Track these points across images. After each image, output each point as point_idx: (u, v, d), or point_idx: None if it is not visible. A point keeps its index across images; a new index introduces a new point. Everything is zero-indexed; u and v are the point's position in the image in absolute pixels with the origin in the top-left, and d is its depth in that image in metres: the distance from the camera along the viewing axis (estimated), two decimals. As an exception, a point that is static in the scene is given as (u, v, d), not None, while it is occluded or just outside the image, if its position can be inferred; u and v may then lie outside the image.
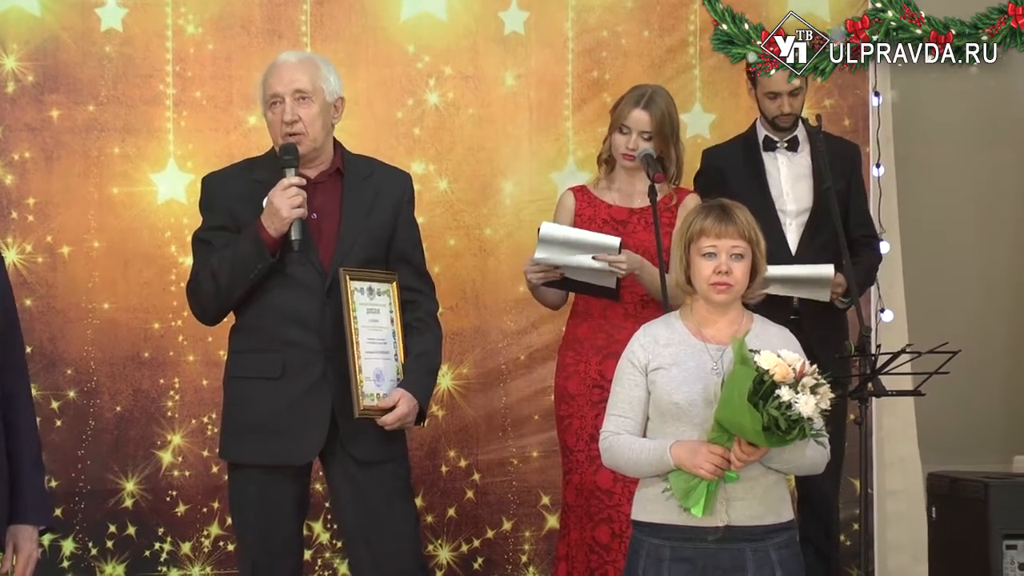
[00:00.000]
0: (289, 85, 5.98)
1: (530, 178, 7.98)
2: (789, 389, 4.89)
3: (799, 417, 4.87)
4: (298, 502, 6.04)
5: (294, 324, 5.93)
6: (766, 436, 4.92)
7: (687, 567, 5.12)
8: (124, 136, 7.76)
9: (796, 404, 4.87)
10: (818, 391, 4.92)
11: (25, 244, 7.66)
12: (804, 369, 4.93)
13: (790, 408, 4.87)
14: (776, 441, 4.93)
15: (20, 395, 5.19)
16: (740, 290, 5.18)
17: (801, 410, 4.87)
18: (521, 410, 7.94)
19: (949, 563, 7.64)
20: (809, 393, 4.90)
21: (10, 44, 7.66)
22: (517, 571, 7.94)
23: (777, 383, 4.89)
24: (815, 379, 4.93)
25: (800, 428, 4.90)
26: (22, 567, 5.12)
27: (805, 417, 4.88)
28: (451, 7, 7.96)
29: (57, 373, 7.65)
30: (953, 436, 8.36)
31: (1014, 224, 8.95)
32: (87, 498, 7.68)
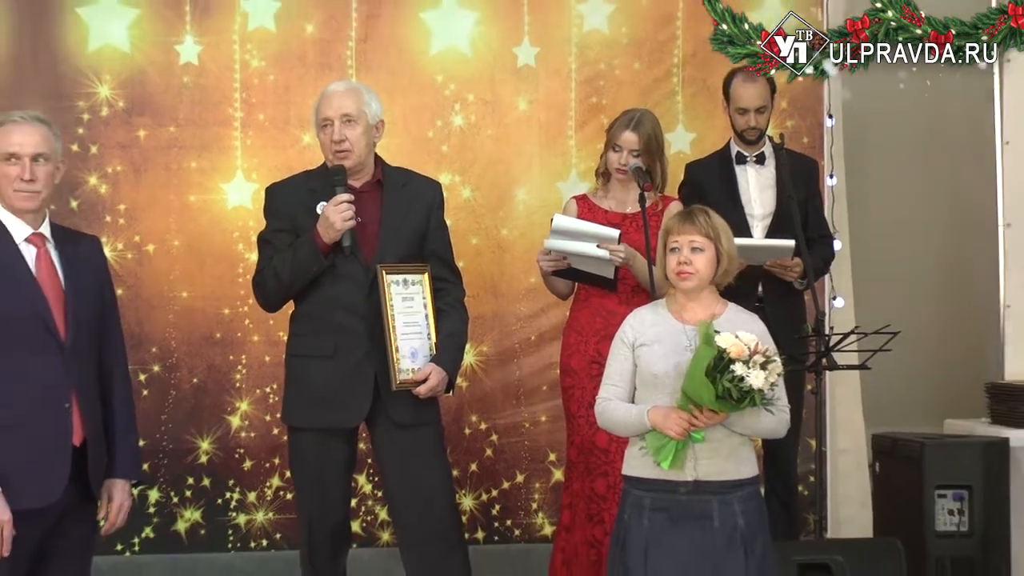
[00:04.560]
0: (338, 110, 5.98)
1: (540, 187, 7.96)
2: (743, 365, 4.93)
3: (750, 388, 4.92)
4: (347, 459, 6.04)
5: (343, 311, 5.93)
6: (720, 404, 4.97)
7: (663, 515, 5.15)
8: (199, 152, 7.77)
9: (747, 378, 4.91)
10: (767, 367, 4.96)
11: (117, 243, 7.67)
12: (757, 348, 4.97)
13: (743, 381, 4.92)
14: (730, 407, 4.98)
15: (117, 370, 5.23)
16: (703, 277, 5.22)
17: (752, 383, 4.92)
18: (532, 382, 7.94)
19: (890, 510, 7.60)
20: (759, 368, 4.94)
21: (104, 76, 7.67)
22: (529, 516, 7.95)
23: (732, 359, 4.94)
24: (765, 357, 4.97)
25: (750, 397, 4.94)
26: (115, 513, 5.17)
27: (756, 388, 4.93)
28: (473, 43, 7.95)
29: (144, 351, 7.66)
30: (892, 403, 8.31)
31: (943, 224, 8.91)
32: (169, 455, 7.69)
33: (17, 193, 4.98)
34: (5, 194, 5.00)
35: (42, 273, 4.99)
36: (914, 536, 7.04)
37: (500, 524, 7.95)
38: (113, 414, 5.16)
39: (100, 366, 5.14)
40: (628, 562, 5.17)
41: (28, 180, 4.98)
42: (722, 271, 5.26)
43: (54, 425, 4.90)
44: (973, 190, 8.51)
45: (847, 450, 7.97)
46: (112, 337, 5.22)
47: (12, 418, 4.84)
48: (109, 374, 5.17)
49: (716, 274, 5.26)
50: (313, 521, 6.04)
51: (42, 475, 4.88)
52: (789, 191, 6.93)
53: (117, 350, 5.25)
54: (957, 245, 8.85)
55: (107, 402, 5.15)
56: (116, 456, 5.17)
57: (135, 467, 5.31)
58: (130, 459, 5.25)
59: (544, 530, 7.90)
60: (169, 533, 7.72)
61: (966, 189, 8.72)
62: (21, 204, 4.99)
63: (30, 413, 4.86)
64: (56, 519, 4.97)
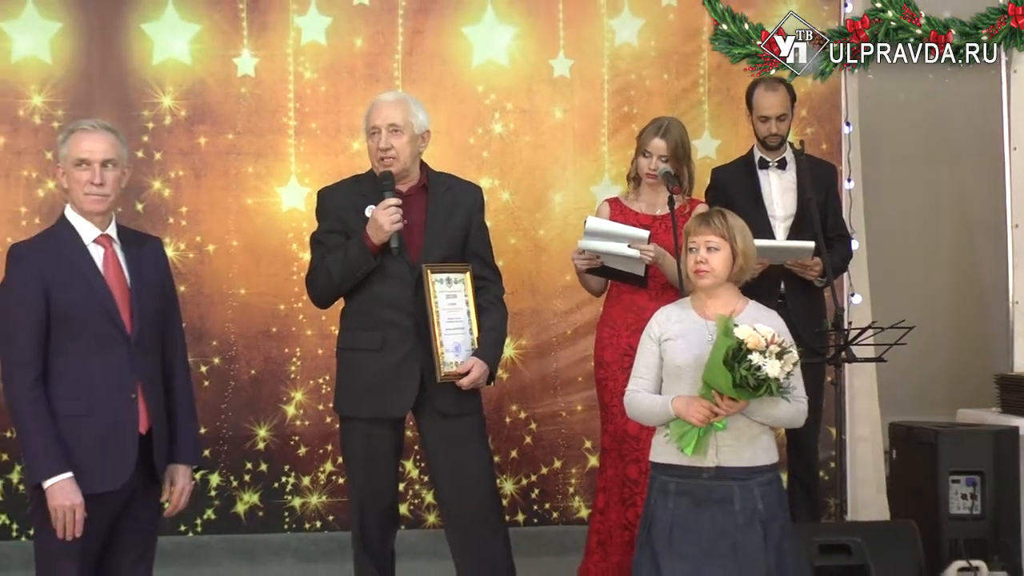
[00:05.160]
0: (385, 120, 5.97)
1: (574, 191, 7.97)
2: (759, 355, 4.93)
3: (766, 377, 4.92)
4: (395, 446, 6.05)
5: (391, 308, 5.93)
6: (738, 392, 4.96)
7: (688, 499, 5.17)
8: (256, 158, 7.80)
9: (764, 366, 4.91)
10: (783, 357, 4.96)
11: (179, 243, 7.71)
12: (773, 339, 4.97)
13: (759, 370, 4.92)
14: (748, 395, 4.98)
15: (178, 361, 5.25)
16: (718, 275, 5.22)
17: (768, 371, 4.91)
18: (568, 373, 7.95)
19: (906, 494, 7.59)
20: (775, 358, 4.94)
21: (168, 87, 7.71)
22: (566, 500, 7.95)
23: (750, 349, 4.95)
24: (780, 347, 4.96)
25: (767, 386, 4.94)
26: (177, 496, 5.19)
27: (772, 377, 4.93)
28: (512, 56, 7.96)
29: (205, 344, 7.70)
30: (907, 393, 8.32)
31: (954, 223, 8.92)
32: (229, 442, 7.74)
33: (87, 196, 5.01)
34: (76, 197, 5.03)
35: (109, 272, 5.02)
36: (929, 519, 7.04)
37: (539, 507, 7.96)
38: (175, 403, 5.18)
39: (163, 358, 5.17)
40: (655, 543, 5.18)
41: (98, 184, 5.01)
42: (737, 269, 5.26)
43: (122, 414, 4.93)
44: (984, 193, 8.50)
45: (865, 438, 7.93)
46: (173, 331, 5.25)
47: (83, 408, 4.88)
48: (171, 365, 5.19)
49: (732, 272, 5.27)
50: (364, 504, 6.04)
51: (111, 461, 4.91)
52: (809, 194, 6.92)
53: (178, 343, 5.27)
54: (968, 245, 8.85)
55: (169, 392, 5.17)
56: (178, 443, 5.19)
57: (196, 453, 5.34)
58: (191, 446, 5.27)
59: (580, 513, 7.90)
60: (229, 515, 7.75)
61: (977, 192, 8.71)
62: (91, 207, 5.02)
63: (99, 403, 4.89)
64: (124, 502, 5.00)
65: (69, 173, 5.05)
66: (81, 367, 4.89)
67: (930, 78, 7.99)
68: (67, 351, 4.90)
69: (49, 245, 5.02)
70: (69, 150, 5.05)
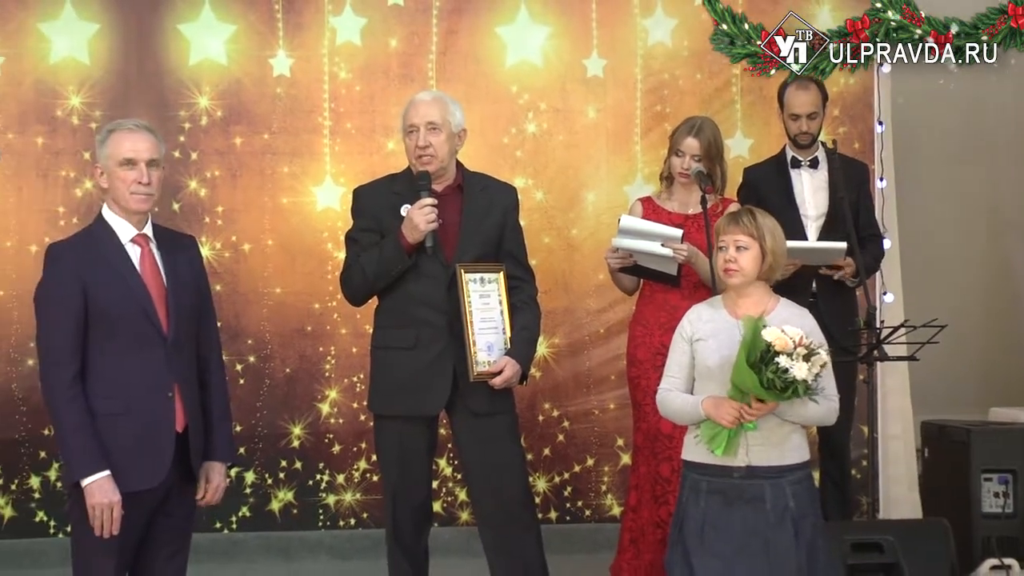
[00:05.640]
0: (423, 118, 5.96)
1: (607, 190, 8.00)
2: (787, 357, 4.92)
3: (793, 379, 4.92)
4: (428, 444, 6.04)
5: (424, 306, 5.92)
6: (768, 393, 4.96)
7: (719, 497, 5.17)
8: (291, 158, 7.86)
9: (791, 369, 4.91)
10: (811, 359, 4.94)
11: (215, 242, 7.76)
12: (801, 341, 4.96)
13: (787, 372, 4.91)
14: (776, 397, 4.97)
15: (213, 359, 5.26)
16: (747, 274, 5.21)
17: (795, 374, 4.90)
18: (600, 372, 7.98)
19: (938, 492, 7.60)
20: (802, 361, 4.94)
21: (204, 87, 7.76)
22: (598, 497, 7.97)
23: (777, 352, 4.95)
24: (808, 349, 4.96)
25: (794, 388, 4.93)
26: (212, 493, 5.20)
27: (799, 379, 4.92)
28: (545, 56, 7.99)
29: (240, 343, 7.75)
30: (940, 392, 8.30)
31: (986, 222, 8.90)
32: (264, 440, 7.78)
33: (134, 196, 5.01)
34: (122, 197, 5.03)
35: (146, 271, 5.02)
36: (961, 517, 7.03)
37: (571, 505, 7.98)
38: (210, 400, 5.19)
39: (198, 355, 5.17)
40: (686, 541, 5.19)
41: (145, 184, 5.03)
42: (766, 268, 5.26)
43: (159, 413, 4.94)
44: (1016, 192, 8.48)
45: (897, 436, 7.94)
46: (208, 329, 5.25)
47: (120, 407, 4.88)
48: (206, 364, 5.20)
49: (761, 271, 5.27)
50: (398, 501, 6.04)
51: (148, 460, 4.92)
52: (841, 193, 6.91)
53: (213, 341, 5.28)
54: (1001, 243, 8.82)
55: (204, 389, 5.18)
56: (213, 440, 5.19)
57: (231, 451, 5.34)
58: (226, 443, 5.27)
59: (613, 510, 7.92)
60: (264, 512, 7.80)
61: (1009, 191, 8.69)
62: (137, 206, 5.03)
63: (136, 402, 4.91)
64: (160, 500, 5.02)
65: (112, 173, 5.05)
66: (118, 366, 4.91)
67: (960, 77, 7.98)
68: (104, 350, 4.91)
69: (87, 244, 5.03)
70: (112, 150, 5.05)
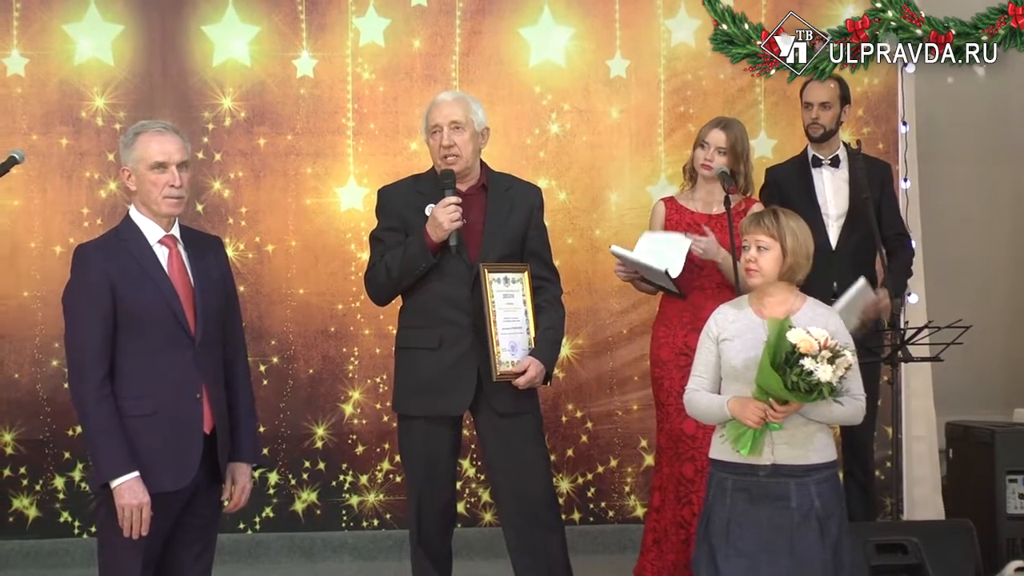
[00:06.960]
0: (447, 117, 5.96)
1: (631, 191, 7.99)
2: (811, 359, 4.91)
3: (818, 381, 4.91)
4: (453, 444, 6.03)
5: (448, 306, 5.92)
6: (793, 395, 4.95)
7: (744, 495, 5.17)
8: (315, 159, 7.87)
9: (816, 371, 4.89)
10: (835, 361, 4.93)
11: (239, 243, 7.77)
12: (826, 344, 4.94)
13: (811, 375, 4.90)
14: (801, 398, 4.96)
15: (238, 361, 5.25)
16: (768, 274, 5.21)
17: (820, 376, 4.89)
18: (624, 372, 7.98)
19: (962, 493, 7.58)
20: (827, 363, 4.93)
21: (227, 88, 7.78)
22: (622, 498, 7.97)
23: (802, 354, 4.94)
24: (832, 351, 4.94)
25: (819, 390, 4.92)
26: (238, 494, 5.19)
27: (824, 382, 4.91)
28: (568, 56, 7.99)
29: (264, 344, 7.76)
30: (963, 393, 8.28)
31: (1010, 223, 8.87)
32: (287, 440, 7.79)
33: (167, 199, 5.00)
34: (153, 200, 5.01)
35: (174, 272, 5.02)
36: (985, 518, 7.02)
37: (595, 505, 7.97)
38: (236, 401, 5.18)
39: (223, 356, 5.17)
40: (712, 538, 5.19)
41: (177, 187, 5.01)
42: (787, 268, 5.25)
43: (187, 414, 4.93)
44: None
45: (921, 437, 7.92)
46: (234, 329, 5.25)
47: (149, 408, 4.87)
48: (232, 364, 5.19)
49: (782, 271, 5.26)
50: (422, 502, 6.03)
51: (176, 461, 4.92)
52: (864, 192, 6.88)
53: (238, 341, 5.27)
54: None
55: (230, 390, 5.17)
56: (239, 441, 5.19)
57: (256, 452, 5.33)
58: (252, 445, 5.27)
59: (636, 511, 7.91)
60: (287, 513, 7.81)
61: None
62: (169, 209, 5.02)
63: (165, 403, 4.90)
64: (186, 500, 5.02)
65: (143, 176, 5.03)
66: (147, 367, 4.90)
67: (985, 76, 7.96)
68: (133, 351, 4.90)
69: (115, 245, 5.02)
70: (141, 153, 5.03)
